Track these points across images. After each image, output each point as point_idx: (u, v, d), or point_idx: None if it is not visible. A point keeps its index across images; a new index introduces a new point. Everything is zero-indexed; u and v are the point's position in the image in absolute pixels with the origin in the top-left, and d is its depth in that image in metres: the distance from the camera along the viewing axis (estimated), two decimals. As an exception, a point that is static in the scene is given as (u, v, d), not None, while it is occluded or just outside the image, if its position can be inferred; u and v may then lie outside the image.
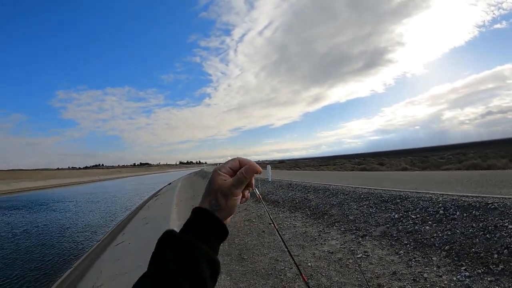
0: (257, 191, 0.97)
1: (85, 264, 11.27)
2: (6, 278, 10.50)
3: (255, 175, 0.86)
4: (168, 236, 0.74)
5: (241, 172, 0.83)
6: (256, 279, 6.11)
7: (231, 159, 0.88)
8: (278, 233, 0.92)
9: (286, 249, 0.87)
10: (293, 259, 0.90)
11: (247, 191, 0.88)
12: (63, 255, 13.06)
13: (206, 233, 0.76)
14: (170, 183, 50.39)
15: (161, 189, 42.17)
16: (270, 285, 5.78)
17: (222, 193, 0.80)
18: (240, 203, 0.86)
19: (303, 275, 0.88)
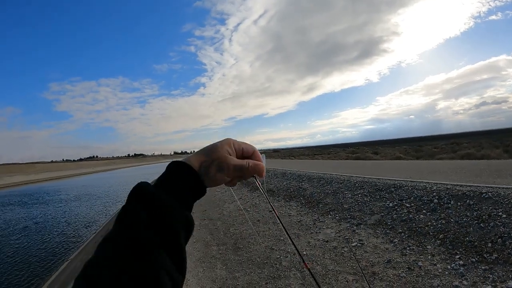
0: (257, 181, 0.88)
1: (81, 256, 11.24)
2: (1, 274, 10.43)
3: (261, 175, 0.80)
4: (142, 193, 0.62)
5: (248, 163, 0.75)
6: (252, 268, 6.13)
7: (249, 144, 0.80)
8: (280, 220, 0.86)
9: (288, 237, 0.84)
10: (296, 247, 0.88)
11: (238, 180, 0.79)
12: (58, 249, 12.95)
13: (186, 195, 0.66)
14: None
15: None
16: (265, 273, 5.80)
17: (218, 165, 0.71)
18: (227, 185, 0.78)
19: (306, 262, 0.85)
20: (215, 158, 0.71)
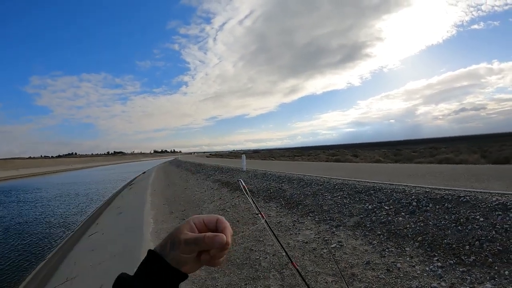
0: (242, 183, 0.85)
1: (58, 256, 11.02)
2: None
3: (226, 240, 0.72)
4: (121, 284, 0.68)
5: (204, 235, 0.71)
6: (231, 269, 6.06)
7: (212, 215, 0.76)
8: (268, 225, 0.81)
9: (276, 240, 0.79)
10: (282, 247, 0.81)
11: (214, 259, 0.73)
12: (35, 248, 12.72)
13: (159, 278, 0.69)
14: (144, 172, 49.83)
15: (135, 178, 41.66)
16: (245, 274, 5.74)
17: (171, 243, 0.71)
18: (208, 264, 0.74)
19: (294, 262, 0.80)
20: (172, 236, 0.72)
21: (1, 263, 11.13)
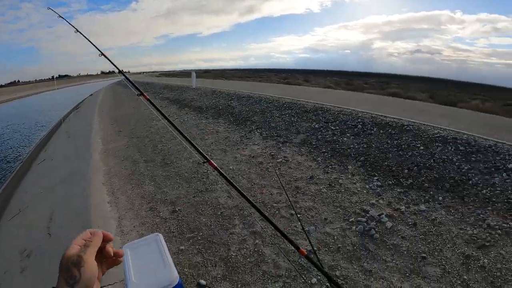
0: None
1: (8, 189, 10.44)
2: None
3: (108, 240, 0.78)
4: None
5: (86, 231, 0.75)
6: (180, 183, 6.09)
7: (83, 232, 0.75)
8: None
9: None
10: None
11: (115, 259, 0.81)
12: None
13: None
14: (91, 94, 47.46)
15: (83, 101, 39.66)
16: (193, 187, 5.79)
17: (72, 263, 0.66)
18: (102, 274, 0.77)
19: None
20: (66, 262, 0.67)
21: None
